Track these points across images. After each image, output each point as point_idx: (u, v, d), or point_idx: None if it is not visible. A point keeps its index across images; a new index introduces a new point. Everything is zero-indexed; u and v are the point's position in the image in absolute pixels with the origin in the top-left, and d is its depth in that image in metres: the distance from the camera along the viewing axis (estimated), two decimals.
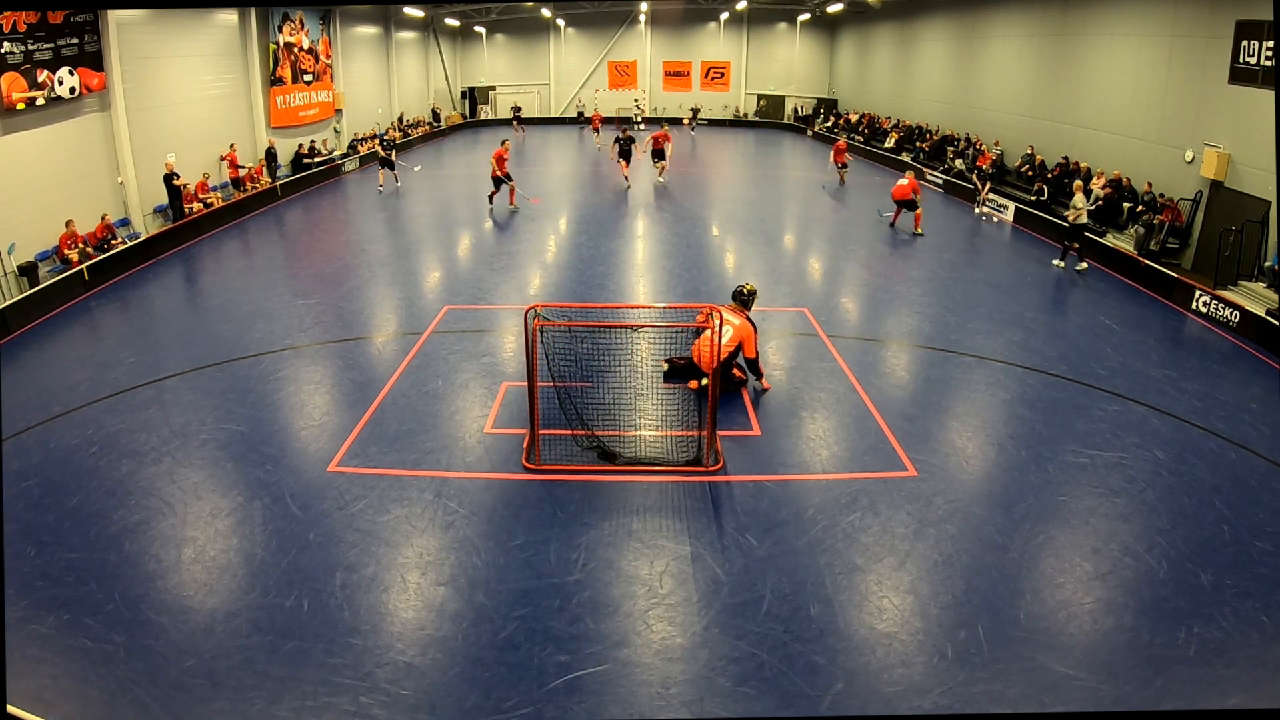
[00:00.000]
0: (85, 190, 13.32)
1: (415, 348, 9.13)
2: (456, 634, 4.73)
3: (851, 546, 5.57)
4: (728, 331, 7.53)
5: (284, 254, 14.27)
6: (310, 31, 21.64)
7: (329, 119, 23.32)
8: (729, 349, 7.55)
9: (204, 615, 4.87)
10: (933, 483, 6.38)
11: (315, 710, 4.17)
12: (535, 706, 4.21)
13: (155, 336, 9.69)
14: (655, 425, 7.17)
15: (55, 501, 6.08)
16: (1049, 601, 5.05)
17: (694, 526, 5.79)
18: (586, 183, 20.94)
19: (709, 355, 6.63)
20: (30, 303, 10.42)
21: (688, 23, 34.57)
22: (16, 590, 5.03)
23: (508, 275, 12.13)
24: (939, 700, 4.27)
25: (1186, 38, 13.25)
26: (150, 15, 14.71)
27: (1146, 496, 6.28)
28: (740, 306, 8.03)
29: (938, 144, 22.68)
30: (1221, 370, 9.02)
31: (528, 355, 6.53)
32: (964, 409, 7.86)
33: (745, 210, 17.56)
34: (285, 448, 6.94)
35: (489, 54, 35.03)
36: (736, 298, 8.14)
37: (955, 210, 18.17)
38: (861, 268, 12.89)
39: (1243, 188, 11.93)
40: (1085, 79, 16.46)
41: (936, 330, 9.89)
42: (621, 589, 5.14)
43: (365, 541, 5.59)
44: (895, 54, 27.41)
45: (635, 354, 8.61)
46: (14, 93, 11.51)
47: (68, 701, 4.24)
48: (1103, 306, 11.14)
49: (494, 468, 6.59)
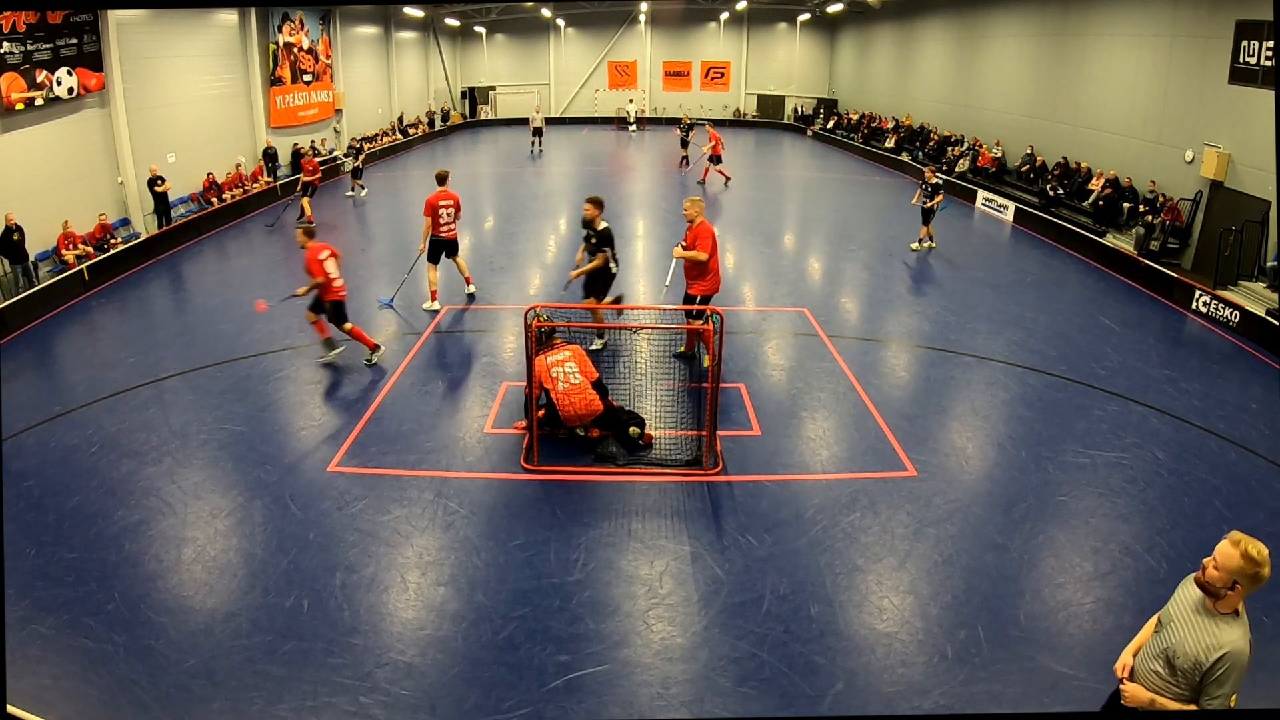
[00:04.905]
0: (85, 190, 13.32)
1: (415, 348, 9.12)
2: (456, 634, 4.73)
3: (851, 546, 5.57)
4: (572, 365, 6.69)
5: (284, 254, 14.26)
6: (310, 31, 21.64)
7: (329, 119, 23.32)
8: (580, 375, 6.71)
9: (204, 615, 4.87)
10: (933, 483, 6.38)
11: (315, 710, 4.17)
12: (535, 706, 4.21)
13: (155, 336, 9.68)
14: (655, 425, 7.16)
15: (55, 501, 6.08)
16: (1049, 601, 5.05)
17: (694, 526, 5.79)
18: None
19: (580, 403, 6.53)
20: (30, 303, 10.42)
21: (688, 23, 34.56)
22: (16, 590, 5.03)
23: (508, 275, 12.13)
24: (939, 700, 4.27)
25: (1186, 38, 13.26)
26: (150, 15, 14.71)
27: (1146, 496, 6.28)
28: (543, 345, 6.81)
29: (938, 144, 22.68)
30: (1221, 370, 9.02)
31: (528, 355, 6.53)
32: (964, 409, 7.86)
33: (745, 210, 17.56)
34: (285, 448, 6.94)
35: (489, 54, 35.03)
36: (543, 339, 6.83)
37: (954, 210, 18.18)
38: (861, 268, 12.88)
39: (1243, 188, 11.94)
40: (1085, 79, 16.46)
41: (936, 330, 9.89)
42: (621, 589, 5.14)
43: (365, 541, 5.59)
44: (895, 54, 27.41)
45: (635, 354, 8.62)
46: (13, 93, 11.51)
47: (68, 701, 4.23)
48: (1103, 306, 11.14)
49: (494, 468, 6.59)
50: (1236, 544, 2.83)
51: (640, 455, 6.75)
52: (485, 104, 35.75)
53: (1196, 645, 2.93)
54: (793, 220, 17.32)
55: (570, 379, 6.57)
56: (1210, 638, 2.90)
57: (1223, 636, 2.89)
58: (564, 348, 6.75)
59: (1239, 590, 2.87)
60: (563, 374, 6.58)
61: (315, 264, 8.08)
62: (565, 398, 6.56)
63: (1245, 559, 2.80)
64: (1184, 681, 2.98)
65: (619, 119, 34.37)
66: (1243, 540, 2.83)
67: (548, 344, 6.77)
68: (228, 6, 17.59)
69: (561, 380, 6.56)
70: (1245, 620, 2.95)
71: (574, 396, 6.56)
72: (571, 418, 6.65)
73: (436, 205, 10.02)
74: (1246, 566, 2.80)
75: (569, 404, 6.57)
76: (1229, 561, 2.83)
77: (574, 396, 6.56)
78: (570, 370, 6.59)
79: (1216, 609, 2.94)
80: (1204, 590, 2.95)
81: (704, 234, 7.93)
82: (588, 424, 6.79)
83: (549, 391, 6.60)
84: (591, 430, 6.88)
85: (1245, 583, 2.84)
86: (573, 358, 6.66)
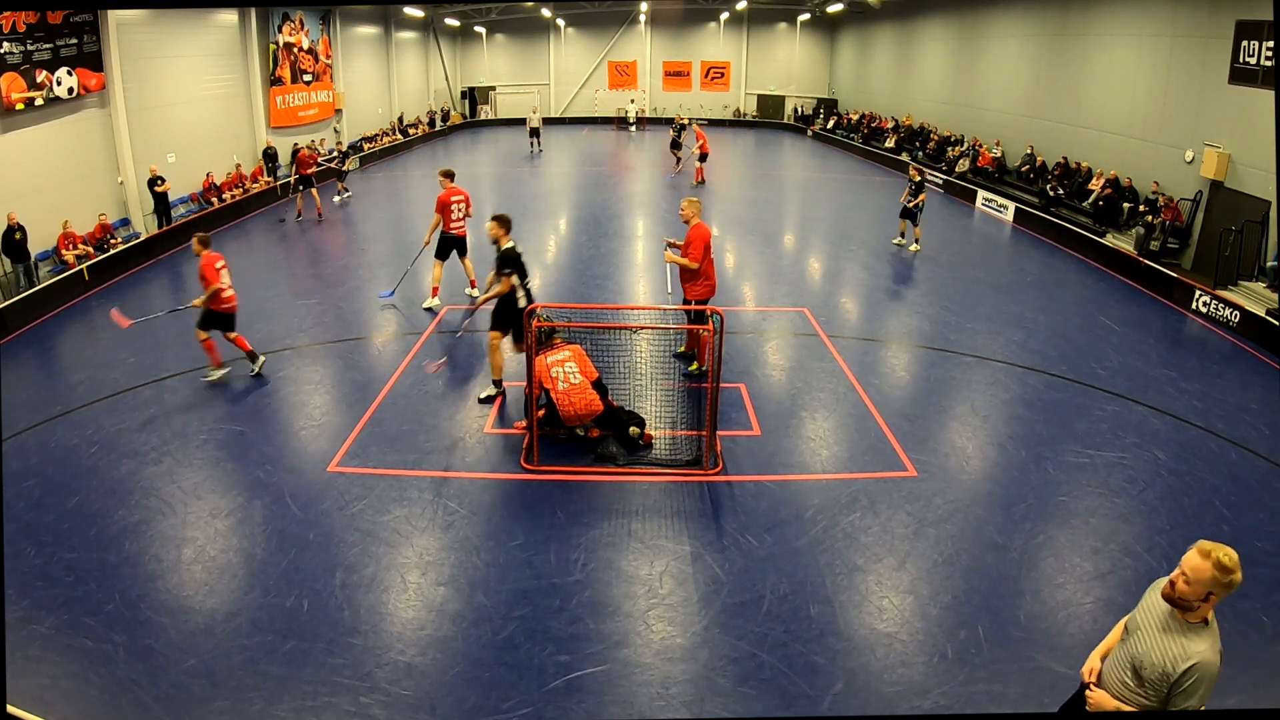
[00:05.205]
0: (85, 190, 13.32)
1: (415, 348, 9.12)
2: (456, 634, 4.73)
3: (851, 546, 5.57)
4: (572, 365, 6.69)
5: (284, 254, 14.26)
6: (310, 31, 21.63)
7: (329, 119, 23.32)
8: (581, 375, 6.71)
9: (204, 615, 4.87)
10: (933, 483, 6.38)
11: (315, 710, 4.17)
12: (535, 706, 4.21)
13: (155, 336, 9.67)
14: (655, 425, 7.16)
15: (55, 501, 6.08)
16: (1049, 601, 5.05)
17: (694, 526, 5.79)
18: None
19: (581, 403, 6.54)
20: (30, 303, 10.42)
21: (688, 23, 34.57)
22: (16, 590, 5.03)
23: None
24: (939, 700, 4.27)
25: (1186, 38, 13.25)
26: (150, 15, 14.70)
27: (1146, 496, 6.28)
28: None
29: (938, 145, 22.68)
30: (1221, 370, 9.02)
31: (528, 355, 6.53)
32: (964, 409, 7.86)
33: (746, 209, 17.56)
34: (285, 448, 6.94)
35: (489, 54, 35.03)
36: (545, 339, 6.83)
37: (955, 210, 18.19)
38: (861, 268, 12.88)
39: (1243, 188, 11.94)
40: (1085, 79, 16.46)
41: (936, 330, 9.89)
42: (621, 589, 5.14)
43: (365, 541, 5.59)
44: (895, 54, 27.42)
45: (635, 354, 8.61)
46: (13, 93, 11.51)
47: (68, 701, 4.23)
48: (1103, 306, 11.14)
49: (494, 468, 6.59)
50: (1207, 555, 2.70)
51: (640, 455, 6.75)
52: (485, 104, 35.76)
53: (1164, 656, 2.81)
54: (793, 220, 17.32)
55: (570, 379, 6.57)
56: (1179, 648, 2.79)
57: (1191, 647, 2.77)
58: (564, 348, 6.75)
59: (1212, 600, 2.75)
60: (563, 374, 6.58)
61: (211, 271, 7.94)
62: (565, 398, 6.56)
63: (1218, 569, 2.68)
64: (1151, 692, 2.85)
65: (619, 119, 34.43)
66: (1213, 550, 2.70)
67: (548, 344, 6.77)
68: (228, 6, 17.59)
69: (561, 380, 6.57)
70: (1215, 629, 2.84)
71: (574, 396, 6.56)
72: (571, 418, 6.66)
73: (448, 202, 10.15)
74: (1220, 576, 2.68)
75: (569, 404, 6.57)
76: (1201, 574, 2.71)
77: (574, 396, 6.56)
78: (570, 370, 6.60)
79: (1186, 619, 2.83)
80: (1174, 605, 2.83)
81: (697, 239, 7.73)
82: (588, 424, 6.79)
83: (549, 391, 6.61)
84: (591, 430, 6.88)
85: (1220, 592, 2.72)
86: (573, 358, 6.66)
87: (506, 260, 7.34)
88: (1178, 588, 2.80)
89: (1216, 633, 2.84)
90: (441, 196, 10.14)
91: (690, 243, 7.79)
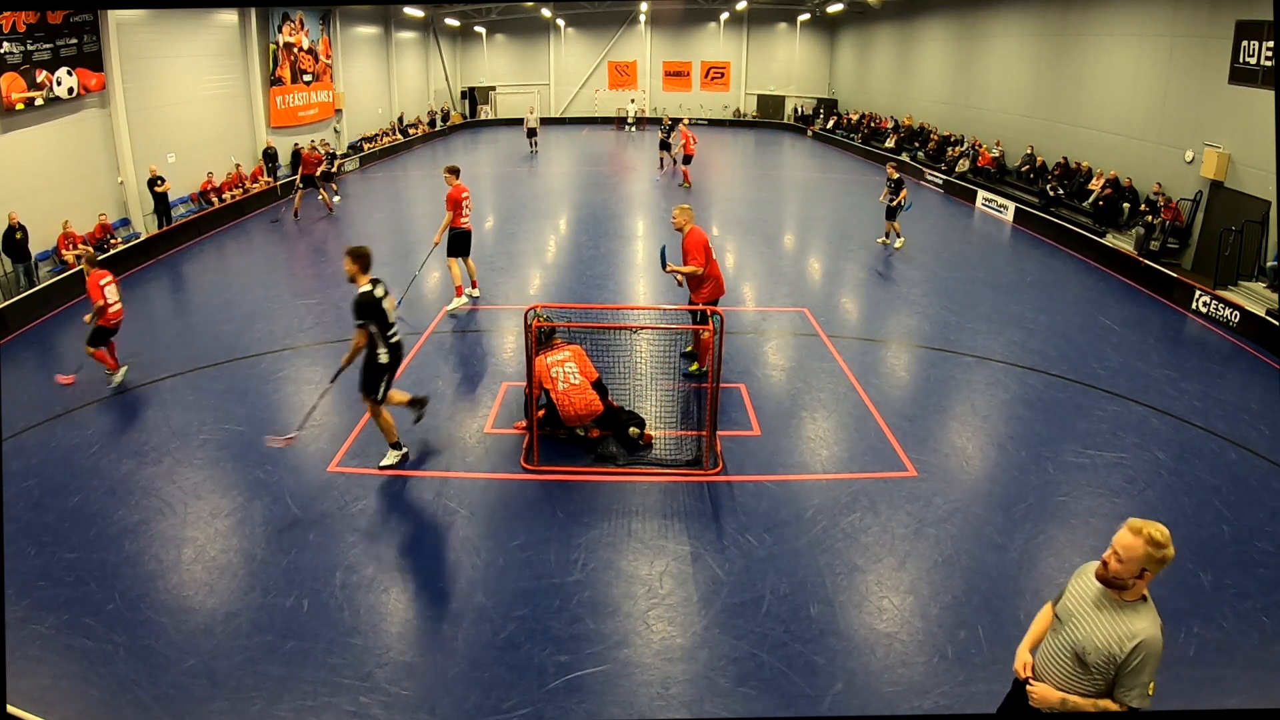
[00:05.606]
0: (85, 190, 13.32)
1: (415, 348, 9.12)
2: (456, 634, 4.73)
3: (851, 546, 5.57)
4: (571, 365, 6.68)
5: (284, 254, 14.27)
6: (310, 31, 21.64)
7: (329, 119, 23.32)
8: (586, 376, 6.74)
9: (204, 615, 4.87)
10: (933, 483, 6.38)
11: (315, 710, 4.16)
12: (535, 706, 4.21)
13: (155, 336, 9.68)
14: (655, 425, 7.16)
15: (55, 501, 6.08)
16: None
17: (694, 526, 5.79)
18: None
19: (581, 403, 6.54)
20: (30, 303, 10.42)
21: (688, 23, 34.58)
22: (16, 590, 5.03)
23: (508, 275, 12.12)
24: (939, 700, 4.27)
25: (1186, 38, 13.26)
26: (150, 15, 14.71)
27: (1146, 496, 6.28)
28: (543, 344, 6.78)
29: (938, 145, 22.68)
30: (1221, 370, 9.02)
31: (528, 355, 6.53)
32: (964, 409, 7.86)
33: (745, 209, 17.56)
34: (285, 447, 6.93)
35: (489, 54, 35.04)
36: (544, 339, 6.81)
37: (955, 210, 18.19)
38: (861, 268, 12.89)
39: (1243, 188, 11.94)
40: (1085, 79, 16.46)
41: (936, 330, 9.89)
42: (621, 589, 5.14)
43: (365, 541, 5.59)
44: (895, 54, 27.42)
45: (635, 355, 8.61)
46: (13, 93, 11.51)
47: (68, 701, 4.23)
48: (1103, 306, 11.14)
49: (494, 468, 6.59)
50: (1138, 532, 2.73)
51: (640, 455, 6.75)
52: (485, 104, 35.77)
53: (1107, 639, 2.81)
54: (793, 220, 17.32)
55: (570, 379, 6.57)
56: (1123, 628, 2.79)
57: (1134, 625, 2.78)
58: (564, 348, 6.75)
59: (1146, 577, 2.78)
60: (563, 374, 6.58)
61: (96, 289, 7.91)
62: (565, 398, 6.56)
63: (1151, 544, 2.71)
64: (1098, 676, 2.86)
65: (619, 119, 34.45)
66: (1144, 526, 2.74)
67: (548, 344, 6.77)
68: (228, 6, 17.59)
69: (561, 380, 6.57)
70: (1153, 605, 2.86)
71: (574, 396, 6.56)
72: (571, 418, 6.66)
73: (460, 198, 10.10)
74: (1154, 552, 2.71)
75: (569, 404, 6.57)
76: (1133, 552, 2.74)
77: (574, 396, 6.56)
78: (570, 370, 6.60)
79: (1122, 598, 2.84)
80: (1109, 585, 2.84)
81: (694, 245, 7.65)
82: (588, 424, 6.79)
83: (549, 391, 6.61)
84: (591, 430, 6.88)
85: (1153, 568, 2.75)
86: (573, 358, 6.66)
87: (363, 308, 6.01)
88: (1111, 567, 2.81)
89: (1155, 609, 2.86)
90: (451, 193, 10.07)
91: (688, 250, 7.72)
